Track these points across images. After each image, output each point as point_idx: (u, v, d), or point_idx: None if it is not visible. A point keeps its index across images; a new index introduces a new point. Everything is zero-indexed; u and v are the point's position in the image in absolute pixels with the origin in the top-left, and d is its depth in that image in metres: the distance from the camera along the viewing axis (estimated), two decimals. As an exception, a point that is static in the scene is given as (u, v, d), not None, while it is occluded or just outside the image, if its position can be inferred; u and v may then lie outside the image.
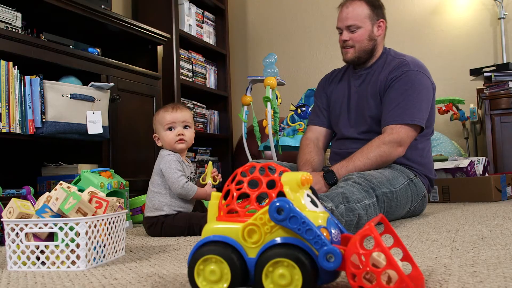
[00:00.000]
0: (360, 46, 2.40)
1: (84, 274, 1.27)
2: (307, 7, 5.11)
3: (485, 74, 3.88)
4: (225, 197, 1.05)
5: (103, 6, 3.12)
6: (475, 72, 4.00)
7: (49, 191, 1.52)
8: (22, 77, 2.52)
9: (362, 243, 0.92)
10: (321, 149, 2.56)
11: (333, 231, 0.97)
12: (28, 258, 1.39)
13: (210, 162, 2.30)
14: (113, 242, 1.51)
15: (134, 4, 4.28)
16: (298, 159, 2.51)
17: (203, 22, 4.69)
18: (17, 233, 1.39)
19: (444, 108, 4.16)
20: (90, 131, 2.76)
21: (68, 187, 1.53)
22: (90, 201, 1.48)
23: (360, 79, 2.47)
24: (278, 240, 0.94)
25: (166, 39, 3.67)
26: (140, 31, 3.40)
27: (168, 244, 1.84)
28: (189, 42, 4.39)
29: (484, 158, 3.43)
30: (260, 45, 5.29)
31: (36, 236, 1.41)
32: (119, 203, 1.58)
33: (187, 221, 2.09)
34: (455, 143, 4.20)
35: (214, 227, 1.01)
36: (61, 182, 1.57)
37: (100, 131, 2.80)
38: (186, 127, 2.21)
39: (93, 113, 2.78)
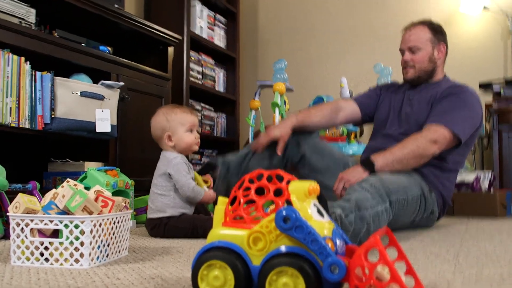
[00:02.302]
0: (420, 66, 2.51)
1: (87, 273, 1.28)
2: (319, 15, 5.11)
3: (495, 88, 3.87)
4: (232, 203, 1.05)
5: (116, 5, 3.13)
6: (484, 86, 3.99)
7: (55, 187, 1.53)
8: (33, 73, 2.53)
9: (367, 255, 0.92)
10: (334, 118, 2.64)
11: (338, 242, 0.98)
12: (32, 253, 1.39)
13: (194, 172, 2.28)
14: (117, 242, 1.52)
15: (147, 4, 4.29)
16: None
17: (214, 25, 4.70)
18: (22, 228, 1.40)
19: (452, 121, 4.14)
20: (98, 129, 2.77)
21: (75, 185, 1.54)
22: (96, 199, 1.49)
23: (417, 90, 2.56)
24: (283, 249, 0.94)
25: (178, 41, 3.68)
26: (152, 32, 3.41)
27: (171, 246, 1.84)
28: (199, 44, 4.40)
29: (490, 172, 3.42)
30: (270, 50, 5.30)
31: (41, 232, 1.42)
32: (125, 203, 1.58)
33: (191, 223, 2.10)
34: (461, 157, 4.19)
35: (220, 232, 1.01)
36: (68, 179, 1.57)
37: (108, 129, 2.81)
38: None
39: (102, 111, 2.79)
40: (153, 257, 1.55)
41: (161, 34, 3.49)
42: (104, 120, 2.79)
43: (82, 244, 1.36)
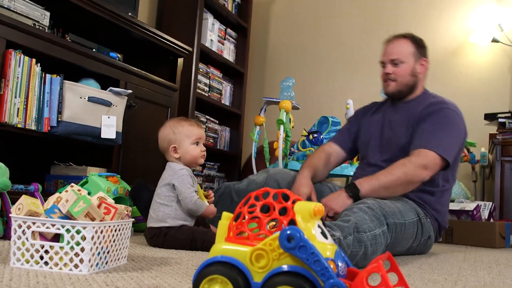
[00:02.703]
0: (402, 80, 2.47)
1: (86, 279, 1.28)
2: (328, 35, 5.14)
3: (500, 119, 3.88)
4: (236, 219, 1.05)
5: (130, 14, 3.16)
6: (490, 117, 4.01)
7: (57, 190, 1.52)
8: (43, 75, 2.55)
9: (368, 279, 0.93)
10: (329, 165, 2.63)
11: (340, 264, 0.98)
12: (32, 256, 1.39)
13: (197, 185, 2.29)
14: (117, 249, 1.52)
15: (159, 14, 4.33)
16: (305, 162, 2.61)
17: (224, 39, 4.73)
18: (23, 230, 1.39)
19: (455, 149, 4.15)
20: (104, 135, 2.78)
21: (79, 190, 1.54)
22: (99, 206, 1.49)
23: (397, 110, 2.52)
24: (285, 267, 0.94)
25: (188, 52, 3.71)
26: (164, 42, 3.43)
27: (170, 256, 1.84)
28: (209, 57, 4.42)
29: (490, 203, 3.42)
30: (278, 67, 5.32)
31: (42, 236, 1.42)
32: (127, 211, 1.59)
33: (190, 234, 2.10)
34: (462, 185, 4.18)
35: (223, 247, 1.01)
36: (72, 184, 1.57)
37: (113, 136, 2.82)
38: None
39: (109, 117, 2.80)
40: (151, 267, 1.55)
41: (172, 44, 3.51)
42: (110, 126, 2.80)
43: (82, 249, 1.35)
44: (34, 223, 1.39)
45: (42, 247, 1.39)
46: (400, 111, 2.50)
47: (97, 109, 2.76)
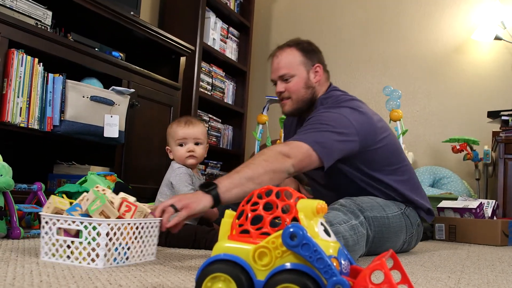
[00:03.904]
0: (297, 96, 2.24)
1: (89, 277, 1.28)
2: (330, 33, 5.14)
3: (503, 117, 3.87)
4: (239, 216, 1.05)
5: (132, 13, 3.17)
6: (493, 115, 4.01)
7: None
8: (45, 74, 2.55)
9: (371, 277, 0.92)
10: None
11: (343, 262, 0.98)
12: (57, 250, 1.50)
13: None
14: (139, 246, 1.59)
15: (162, 13, 4.33)
16: None
17: (227, 38, 4.73)
18: (50, 227, 1.51)
19: (458, 147, 4.15)
20: (106, 134, 2.78)
21: (103, 190, 1.63)
22: (121, 204, 1.57)
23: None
24: (288, 265, 0.94)
25: (190, 51, 3.71)
26: (166, 41, 3.43)
27: (173, 255, 1.84)
28: (211, 56, 4.43)
29: (494, 201, 3.42)
30: (281, 66, 5.31)
31: (67, 232, 1.51)
32: (151, 210, 1.67)
33: (193, 233, 2.10)
34: (465, 183, 4.19)
35: (225, 245, 1.01)
36: (97, 185, 1.65)
37: (116, 135, 2.82)
38: (197, 143, 2.23)
39: (111, 116, 2.80)
40: (154, 265, 1.55)
41: (174, 43, 3.51)
42: (112, 125, 2.81)
43: (98, 245, 1.44)
44: (58, 220, 1.50)
45: (65, 242, 1.50)
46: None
47: (99, 108, 2.76)
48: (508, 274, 1.83)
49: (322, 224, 1.01)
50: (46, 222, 1.52)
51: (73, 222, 1.47)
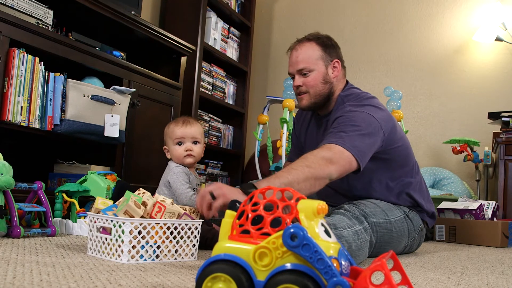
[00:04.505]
0: (315, 91, 2.22)
1: (89, 277, 1.28)
2: (331, 33, 5.09)
3: (503, 118, 3.87)
4: (240, 217, 1.05)
5: (133, 12, 3.17)
6: (493, 116, 4.00)
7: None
8: (46, 74, 2.55)
9: (371, 278, 0.93)
10: None
11: (343, 262, 0.98)
12: (96, 246, 1.67)
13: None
14: (173, 246, 1.69)
15: (163, 13, 4.33)
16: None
17: (228, 38, 4.73)
18: (92, 225, 1.70)
19: (459, 148, 4.15)
20: (107, 133, 2.78)
21: (144, 193, 1.75)
22: (154, 205, 1.70)
23: (322, 127, 2.31)
24: (289, 266, 0.94)
25: (191, 51, 3.71)
26: (167, 41, 3.43)
27: (173, 255, 1.84)
28: (212, 56, 4.43)
29: (494, 202, 3.41)
30: (282, 66, 5.32)
31: (104, 229, 1.67)
32: (186, 211, 1.76)
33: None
34: (465, 184, 4.18)
35: (226, 245, 1.01)
36: (140, 188, 1.79)
37: (117, 134, 2.82)
38: (195, 142, 2.25)
39: (112, 116, 2.80)
40: (154, 265, 1.56)
41: (175, 43, 3.51)
42: (113, 125, 2.81)
43: (122, 242, 1.59)
44: (97, 219, 1.68)
45: (101, 238, 1.66)
46: (325, 128, 2.26)
47: (100, 108, 2.76)
48: (508, 276, 1.83)
49: (322, 224, 1.01)
50: (90, 221, 1.71)
51: (106, 220, 1.65)
